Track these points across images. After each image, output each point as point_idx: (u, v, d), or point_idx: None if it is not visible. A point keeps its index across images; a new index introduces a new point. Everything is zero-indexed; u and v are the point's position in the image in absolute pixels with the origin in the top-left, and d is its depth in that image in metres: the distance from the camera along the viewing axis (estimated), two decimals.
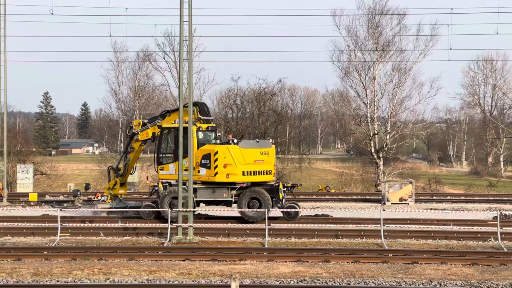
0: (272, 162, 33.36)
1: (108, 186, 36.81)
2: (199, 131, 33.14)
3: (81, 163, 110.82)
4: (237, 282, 16.61)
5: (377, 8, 61.94)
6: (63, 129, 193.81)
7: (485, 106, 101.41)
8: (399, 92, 62.44)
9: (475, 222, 32.46)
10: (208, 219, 33.47)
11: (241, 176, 32.42)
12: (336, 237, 29.10)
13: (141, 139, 35.31)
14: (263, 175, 32.90)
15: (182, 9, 28.08)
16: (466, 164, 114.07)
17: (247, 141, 34.12)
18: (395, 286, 20.39)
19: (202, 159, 32.64)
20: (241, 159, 32.33)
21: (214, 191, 32.84)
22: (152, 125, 34.83)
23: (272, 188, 33.15)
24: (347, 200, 44.53)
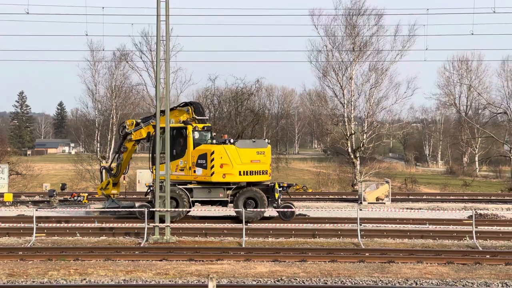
0: (268, 162, 33.41)
1: (100, 186, 36.63)
2: (195, 131, 33.08)
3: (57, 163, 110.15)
4: (214, 282, 16.60)
5: (354, 9, 62.21)
6: (38, 128, 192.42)
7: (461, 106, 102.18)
8: (376, 92, 62.74)
9: (451, 221, 32.71)
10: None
11: (237, 176, 32.40)
12: (313, 236, 29.17)
13: (134, 139, 35.21)
14: (260, 175, 32.92)
15: (159, 8, 28.01)
16: (441, 164, 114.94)
17: (244, 141, 34.12)
18: (372, 285, 20.49)
19: (198, 159, 32.55)
20: (237, 159, 32.31)
21: (210, 191, 32.81)
22: (146, 125, 34.75)
23: (268, 188, 33.16)
24: (324, 200, 44.64)
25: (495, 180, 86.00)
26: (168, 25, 28.31)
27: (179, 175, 32.99)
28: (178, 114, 34.05)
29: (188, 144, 32.84)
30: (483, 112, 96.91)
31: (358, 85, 62.32)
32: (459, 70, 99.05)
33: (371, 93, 62.45)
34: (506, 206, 41.32)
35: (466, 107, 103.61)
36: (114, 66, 69.49)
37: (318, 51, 62.80)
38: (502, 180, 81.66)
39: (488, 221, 33.29)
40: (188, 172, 32.78)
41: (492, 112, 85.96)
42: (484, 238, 28.46)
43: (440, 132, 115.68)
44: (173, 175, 32.96)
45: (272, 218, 33.31)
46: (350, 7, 62.14)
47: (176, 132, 33.25)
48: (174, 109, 34.61)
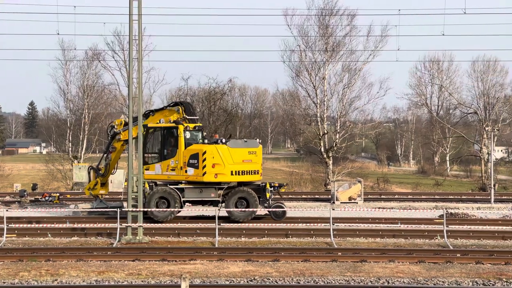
0: (259, 162, 33.48)
1: (88, 187, 36.39)
2: (186, 131, 33.06)
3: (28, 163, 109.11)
4: (187, 282, 16.57)
5: (327, 9, 62.41)
6: (9, 128, 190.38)
7: (432, 106, 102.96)
8: (348, 92, 63.01)
9: (422, 221, 32.96)
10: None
11: (229, 176, 32.42)
12: (286, 236, 29.24)
13: (123, 139, 35.03)
14: (251, 175, 32.96)
15: (131, 8, 27.90)
16: (413, 163, 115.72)
17: (235, 141, 34.09)
18: (344, 285, 20.58)
19: (190, 158, 32.51)
20: (229, 159, 32.32)
21: (201, 191, 32.81)
22: (135, 125, 34.56)
23: (259, 188, 33.20)
24: (297, 200, 44.77)
25: (466, 179, 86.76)
26: (140, 24, 28.21)
27: (170, 175, 32.98)
28: (168, 114, 34.02)
29: (179, 144, 32.81)
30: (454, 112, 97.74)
31: (331, 85, 62.58)
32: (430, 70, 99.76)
33: (344, 93, 62.73)
34: (477, 205, 41.76)
35: (437, 107, 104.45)
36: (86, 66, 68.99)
37: (291, 51, 62.97)
38: (473, 180, 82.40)
39: (458, 220, 33.60)
40: (180, 172, 32.74)
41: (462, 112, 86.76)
42: (455, 237, 28.74)
43: (411, 132, 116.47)
44: (164, 175, 33.00)
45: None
46: (323, 7, 62.38)
47: (167, 132, 33.25)
48: (164, 109, 34.66)
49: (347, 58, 62.85)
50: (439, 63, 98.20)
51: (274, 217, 32.66)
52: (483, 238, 28.84)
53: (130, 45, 28.57)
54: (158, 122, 33.69)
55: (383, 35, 61.94)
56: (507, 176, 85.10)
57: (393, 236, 29.09)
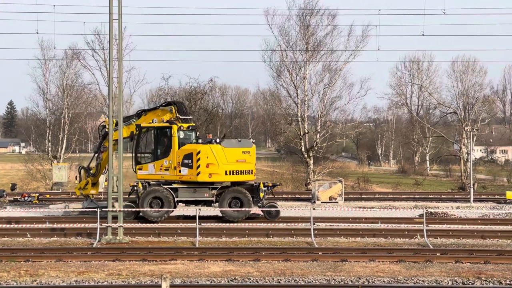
0: (253, 162, 33.47)
1: (79, 186, 36.15)
2: (180, 131, 32.95)
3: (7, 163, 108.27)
4: (167, 282, 16.52)
5: (307, 9, 62.52)
6: None
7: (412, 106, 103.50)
8: (329, 92, 63.15)
9: (402, 220, 33.11)
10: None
11: (223, 176, 32.37)
12: (267, 236, 29.25)
13: (114, 139, 34.88)
14: (245, 175, 32.93)
15: (111, 7, 27.77)
16: (393, 163, 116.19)
17: (229, 141, 34.06)
18: (325, 284, 20.62)
19: (184, 158, 32.43)
20: (223, 158, 32.28)
21: (195, 190, 32.75)
22: (127, 125, 34.48)
23: (253, 188, 33.18)
24: (278, 199, 44.75)
25: (446, 179, 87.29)
26: (120, 24, 28.10)
27: (164, 175, 32.94)
28: (161, 114, 33.97)
29: (173, 144, 32.74)
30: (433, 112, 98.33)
31: (312, 85, 62.69)
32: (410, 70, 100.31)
33: (324, 93, 62.86)
34: (456, 205, 42.02)
35: (418, 107, 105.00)
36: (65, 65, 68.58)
37: (272, 50, 63.00)
38: (452, 179, 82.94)
39: (438, 220, 33.80)
40: (173, 172, 32.69)
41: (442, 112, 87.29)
42: (434, 236, 28.90)
43: (392, 131, 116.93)
44: (157, 175, 32.96)
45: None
46: (304, 7, 62.48)
47: (161, 131, 33.21)
48: (157, 109, 34.63)
49: (327, 58, 63.02)
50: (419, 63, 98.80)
51: (268, 216, 32.74)
52: (462, 237, 29.03)
53: (110, 44, 28.44)
54: (151, 122, 33.61)
55: (364, 35, 62.17)
56: (486, 175, 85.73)
57: (374, 236, 29.20)
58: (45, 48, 67.61)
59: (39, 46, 67.92)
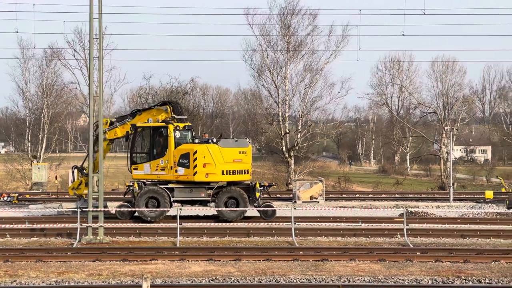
0: (249, 162, 33.55)
1: (72, 186, 35.94)
2: (176, 130, 32.89)
3: None
4: (148, 282, 16.48)
5: (288, 8, 62.59)
6: None
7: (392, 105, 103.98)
8: (310, 92, 63.26)
9: (383, 219, 33.26)
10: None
11: (220, 176, 32.37)
12: (248, 235, 29.26)
13: (108, 138, 34.75)
14: (242, 175, 32.98)
15: (91, 6, 27.67)
16: (374, 163, 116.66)
17: (226, 141, 34.12)
18: (306, 284, 20.67)
19: (180, 158, 32.39)
20: (220, 158, 32.26)
21: (191, 190, 32.72)
22: (121, 124, 34.40)
23: (249, 187, 33.20)
24: None
25: (426, 178, 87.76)
26: (101, 23, 28.00)
27: (160, 175, 32.90)
28: (156, 113, 33.90)
29: (169, 144, 32.70)
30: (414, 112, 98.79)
31: (293, 85, 62.77)
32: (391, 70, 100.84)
33: (305, 92, 62.96)
34: (436, 204, 42.27)
35: (398, 107, 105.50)
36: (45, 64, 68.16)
37: (253, 50, 62.99)
38: (432, 179, 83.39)
39: (418, 219, 33.98)
40: (170, 171, 32.65)
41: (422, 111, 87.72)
42: (414, 235, 29.06)
43: (372, 131, 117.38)
44: (153, 175, 32.94)
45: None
46: (284, 7, 62.55)
47: (157, 131, 33.16)
48: (152, 108, 34.60)
49: (308, 58, 63.12)
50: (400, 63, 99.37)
51: (264, 216, 32.81)
52: (442, 236, 29.20)
53: (91, 43, 28.34)
54: (146, 122, 33.53)
55: (344, 35, 62.32)
56: (466, 175, 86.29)
57: (354, 235, 29.31)
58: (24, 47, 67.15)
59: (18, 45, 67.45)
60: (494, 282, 20.86)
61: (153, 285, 19.10)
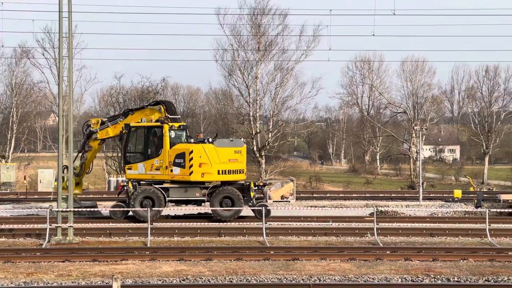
0: (244, 161, 33.55)
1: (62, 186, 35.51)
2: (171, 130, 32.71)
3: None
4: (118, 282, 16.41)
5: (259, 8, 62.65)
6: None
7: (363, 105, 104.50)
8: (281, 92, 63.41)
9: (353, 219, 33.45)
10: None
11: (216, 175, 32.34)
12: (219, 235, 29.25)
13: (100, 138, 34.47)
14: (237, 174, 32.97)
15: (61, 5, 27.44)
16: (344, 162, 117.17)
17: (222, 140, 33.96)
18: (277, 283, 20.71)
19: (176, 158, 32.26)
20: (216, 158, 32.20)
21: (186, 190, 32.63)
22: (113, 124, 34.17)
23: (243, 187, 33.17)
24: None
25: (396, 178, 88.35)
26: (71, 22, 27.80)
27: (155, 175, 32.75)
28: (149, 113, 33.75)
29: (164, 144, 32.56)
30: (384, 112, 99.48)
31: (264, 84, 62.87)
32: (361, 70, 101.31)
33: (276, 92, 63.10)
34: (406, 203, 42.60)
35: (368, 107, 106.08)
36: (14, 63, 67.48)
37: (224, 50, 62.99)
38: (402, 178, 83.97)
39: (388, 218, 34.22)
40: (165, 171, 32.52)
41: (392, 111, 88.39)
42: (384, 234, 29.26)
43: (343, 131, 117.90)
44: (148, 175, 32.80)
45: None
46: (255, 7, 62.62)
47: (152, 131, 32.99)
48: (145, 108, 34.45)
49: (279, 58, 63.28)
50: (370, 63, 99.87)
51: (259, 216, 32.78)
52: (411, 235, 29.44)
53: (60, 43, 28.12)
54: (139, 121, 33.38)
55: (315, 35, 62.58)
56: (435, 174, 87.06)
57: (325, 234, 29.43)
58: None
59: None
60: (462, 280, 21.09)
61: (124, 286, 19.02)
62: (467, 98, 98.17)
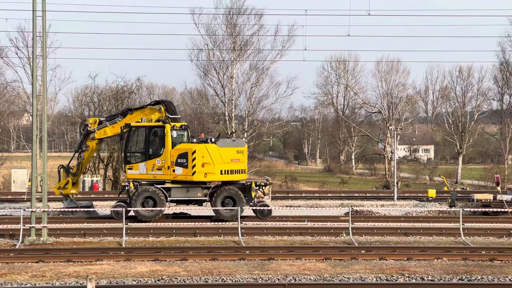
0: (245, 161, 33.60)
1: (58, 186, 35.29)
2: (173, 130, 32.54)
3: None
4: (93, 283, 16.31)
5: (234, 8, 62.71)
6: None
7: (338, 105, 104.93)
8: (256, 91, 63.54)
9: (328, 218, 33.54)
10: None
11: (219, 175, 32.24)
12: (194, 235, 29.19)
13: (97, 137, 34.23)
14: (239, 174, 32.92)
15: (35, 3, 27.22)
16: (320, 162, 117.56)
17: (224, 140, 33.86)
18: (252, 283, 20.72)
19: (178, 158, 32.11)
20: (219, 158, 32.11)
21: (188, 190, 32.50)
22: (111, 123, 34.02)
23: (244, 187, 33.08)
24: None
25: (371, 177, 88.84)
26: (45, 21, 27.60)
27: (156, 175, 32.58)
28: (149, 113, 33.61)
29: (166, 143, 32.41)
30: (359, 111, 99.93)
31: (239, 84, 62.96)
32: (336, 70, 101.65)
33: (252, 92, 63.20)
34: (381, 203, 42.82)
35: (343, 106, 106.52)
36: None
37: (199, 50, 62.97)
38: (377, 178, 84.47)
39: (363, 218, 34.35)
40: (167, 171, 32.36)
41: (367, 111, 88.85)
42: (359, 234, 29.38)
43: (318, 130, 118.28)
44: (149, 175, 32.63)
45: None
46: (230, 7, 62.65)
47: (153, 131, 32.82)
48: (145, 107, 34.29)
49: (254, 57, 63.41)
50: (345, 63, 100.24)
51: (260, 215, 32.82)
52: (386, 234, 29.59)
53: (34, 42, 27.91)
54: (139, 121, 33.23)
55: (290, 35, 62.83)
56: (410, 174, 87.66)
57: (300, 234, 29.48)
58: None
59: None
60: (436, 279, 21.24)
61: (98, 286, 18.91)
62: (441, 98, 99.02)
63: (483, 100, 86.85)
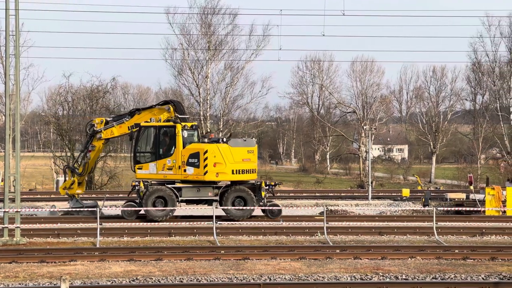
0: (256, 161, 33.61)
1: (64, 186, 34.95)
2: (184, 130, 32.40)
3: None
4: (67, 283, 16.21)
5: (209, 7, 62.67)
6: None
7: (313, 105, 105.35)
8: (231, 91, 63.58)
9: (303, 218, 33.63)
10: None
11: (230, 175, 32.21)
12: (169, 235, 29.13)
13: (104, 137, 33.99)
14: (250, 174, 32.94)
15: (8, 2, 27.02)
16: (295, 162, 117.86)
17: (235, 140, 33.81)
18: (227, 283, 20.71)
19: (190, 158, 32.02)
20: (230, 157, 32.09)
21: (199, 190, 32.44)
22: (119, 123, 33.91)
23: (254, 186, 33.04)
24: None
25: (345, 177, 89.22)
26: (17, 19, 27.42)
27: (167, 174, 32.46)
28: (157, 113, 33.46)
29: (177, 143, 32.28)
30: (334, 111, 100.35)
31: (214, 84, 62.97)
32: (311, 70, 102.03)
33: (227, 91, 63.23)
34: (355, 202, 43.01)
35: (318, 106, 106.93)
36: None
37: (173, 49, 62.85)
38: (352, 177, 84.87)
39: (338, 217, 34.49)
40: (178, 171, 32.27)
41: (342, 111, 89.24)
42: (334, 233, 29.49)
43: (293, 130, 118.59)
44: (159, 174, 32.51)
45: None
46: (205, 6, 62.61)
47: (164, 130, 32.67)
48: (153, 107, 34.13)
49: (229, 57, 63.43)
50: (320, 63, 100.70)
51: (271, 215, 32.82)
52: (361, 234, 29.73)
53: (7, 40, 27.70)
54: (148, 121, 33.11)
55: (265, 35, 62.94)
56: (384, 173, 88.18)
57: (275, 234, 29.53)
58: None
59: None
60: (410, 278, 21.38)
61: (72, 287, 18.81)
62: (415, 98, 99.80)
63: (456, 100, 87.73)
